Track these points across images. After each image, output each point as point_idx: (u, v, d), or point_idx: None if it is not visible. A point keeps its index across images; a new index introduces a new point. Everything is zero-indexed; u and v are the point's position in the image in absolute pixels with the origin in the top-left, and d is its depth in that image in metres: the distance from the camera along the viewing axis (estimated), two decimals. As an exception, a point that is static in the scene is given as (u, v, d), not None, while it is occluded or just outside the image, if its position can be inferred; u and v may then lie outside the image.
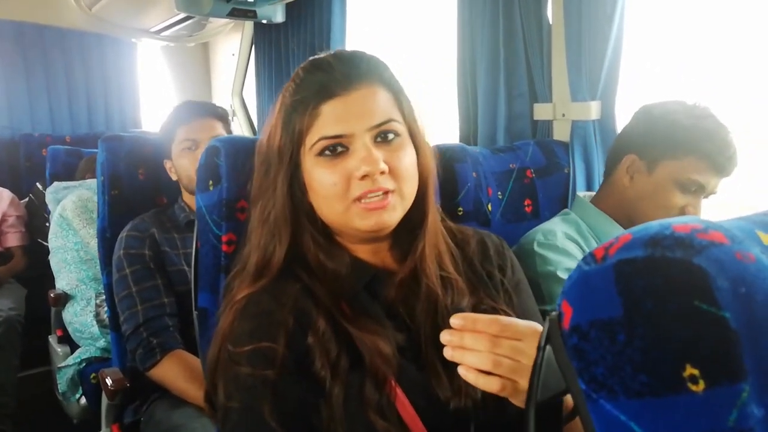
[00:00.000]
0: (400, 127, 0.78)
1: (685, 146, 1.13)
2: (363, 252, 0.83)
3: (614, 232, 1.18)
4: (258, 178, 0.83)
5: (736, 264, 0.31)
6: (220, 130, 1.56)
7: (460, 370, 0.63)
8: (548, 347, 0.41)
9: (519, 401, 0.64)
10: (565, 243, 1.15)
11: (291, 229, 0.79)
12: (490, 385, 0.62)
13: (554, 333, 0.38)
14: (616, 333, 0.33)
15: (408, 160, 0.78)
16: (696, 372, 0.30)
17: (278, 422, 0.70)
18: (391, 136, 0.77)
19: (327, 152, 0.76)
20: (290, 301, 0.76)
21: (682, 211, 1.15)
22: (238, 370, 0.73)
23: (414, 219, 0.81)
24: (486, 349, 0.61)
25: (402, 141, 0.78)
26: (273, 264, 0.79)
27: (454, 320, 0.64)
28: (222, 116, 1.61)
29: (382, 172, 0.74)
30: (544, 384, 0.42)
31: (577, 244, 1.18)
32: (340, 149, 0.76)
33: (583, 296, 0.36)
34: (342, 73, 0.76)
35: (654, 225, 0.35)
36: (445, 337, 0.64)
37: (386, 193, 0.75)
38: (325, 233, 0.82)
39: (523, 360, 0.61)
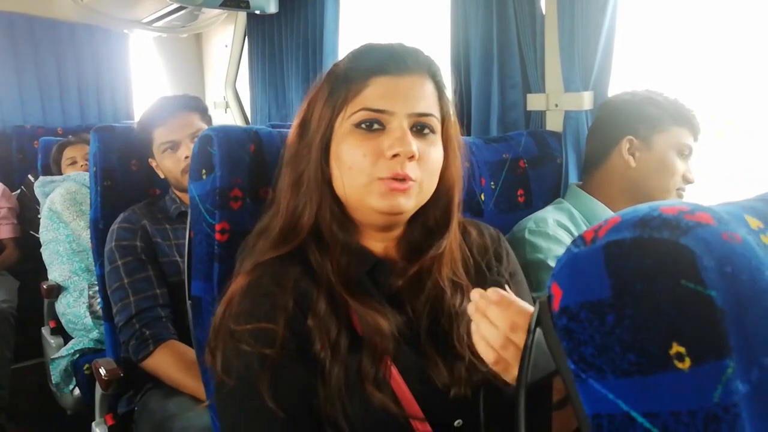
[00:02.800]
0: (437, 123, 0.80)
1: (667, 118, 1.22)
2: (370, 240, 0.84)
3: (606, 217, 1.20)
4: (293, 143, 0.83)
5: (722, 244, 0.32)
6: (198, 123, 1.53)
7: (473, 331, 0.66)
8: (538, 330, 0.42)
9: (509, 378, 0.67)
10: (556, 230, 1.16)
11: (320, 192, 0.79)
12: (487, 354, 0.65)
13: (544, 315, 0.39)
14: (606, 314, 0.34)
15: (436, 155, 0.79)
16: (682, 350, 0.31)
17: (275, 402, 0.71)
18: (426, 130, 0.78)
19: (364, 125, 0.76)
20: (290, 283, 0.77)
21: (685, 178, 1.22)
22: (237, 346, 0.74)
23: (433, 219, 0.83)
24: (503, 330, 0.64)
25: (435, 138, 0.80)
26: (301, 225, 0.79)
27: (493, 293, 0.66)
28: (199, 107, 1.57)
29: (412, 157, 0.75)
30: (534, 365, 0.43)
31: (569, 231, 1.19)
32: (376, 126, 0.76)
33: (572, 278, 0.36)
34: (400, 55, 0.78)
35: (642, 207, 0.36)
36: (475, 295, 0.67)
37: (408, 179, 0.76)
38: (341, 207, 0.82)
39: None
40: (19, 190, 2.81)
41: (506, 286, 0.70)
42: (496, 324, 0.64)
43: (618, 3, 1.39)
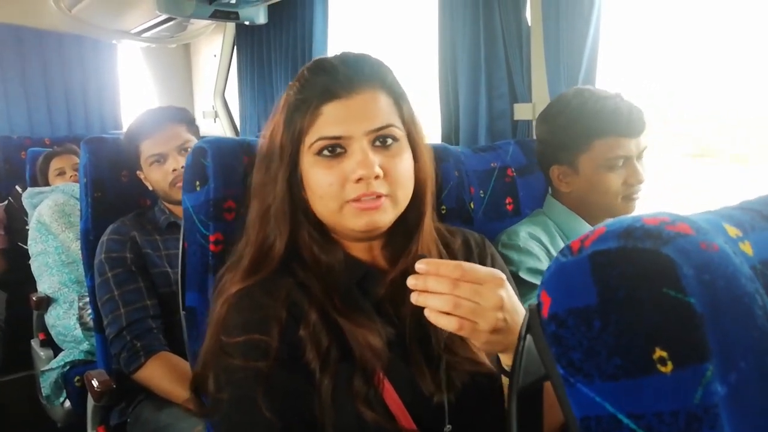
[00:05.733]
0: (399, 132, 0.80)
1: (586, 136, 1.18)
2: (356, 249, 0.85)
3: (581, 228, 1.22)
4: (259, 175, 0.84)
5: (700, 253, 0.33)
6: (185, 135, 1.53)
7: (425, 312, 0.66)
8: (529, 336, 0.43)
9: (478, 342, 0.67)
10: (527, 243, 1.18)
11: (290, 223, 0.81)
12: (449, 324, 0.64)
13: (534, 322, 0.40)
14: (592, 320, 0.35)
15: (404, 165, 0.79)
16: (664, 354, 0.32)
17: (271, 412, 0.71)
18: (389, 140, 0.78)
19: (325, 152, 0.77)
20: (283, 294, 0.78)
21: (626, 184, 1.18)
22: (230, 362, 0.74)
23: (409, 221, 0.83)
24: (447, 292, 0.64)
25: (400, 146, 0.80)
26: (272, 256, 0.80)
27: (420, 265, 0.66)
28: (185, 118, 1.57)
29: (377, 177, 0.76)
30: (526, 370, 0.45)
31: (541, 242, 1.20)
32: (338, 150, 0.77)
33: (560, 286, 0.38)
34: (345, 76, 0.78)
35: (627, 219, 0.37)
36: (410, 281, 0.66)
37: (379, 196, 0.76)
38: (320, 229, 0.83)
39: (482, 302, 0.63)
40: (6, 202, 2.79)
41: None
42: (438, 291, 0.64)
43: (602, 13, 1.42)
